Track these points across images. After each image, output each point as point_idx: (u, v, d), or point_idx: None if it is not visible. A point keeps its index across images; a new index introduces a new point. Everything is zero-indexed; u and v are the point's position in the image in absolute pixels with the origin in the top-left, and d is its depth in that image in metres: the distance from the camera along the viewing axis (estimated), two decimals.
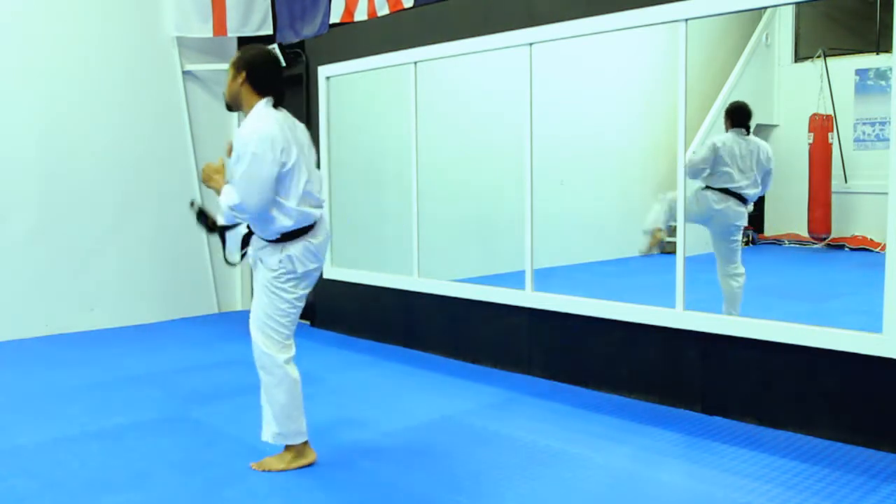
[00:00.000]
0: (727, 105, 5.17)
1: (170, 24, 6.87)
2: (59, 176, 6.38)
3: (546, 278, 4.93)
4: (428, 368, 5.21)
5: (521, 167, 4.88)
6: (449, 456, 3.60)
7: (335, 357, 5.63)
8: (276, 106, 3.33)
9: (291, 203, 3.25)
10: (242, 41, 7.12)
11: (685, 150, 4.21)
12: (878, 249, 7.83)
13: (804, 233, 8.79)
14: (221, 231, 3.50)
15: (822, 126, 8.63)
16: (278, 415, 3.35)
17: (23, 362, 5.51)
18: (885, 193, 3.42)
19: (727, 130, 5.00)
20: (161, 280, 6.95)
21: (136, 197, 6.77)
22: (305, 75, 6.52)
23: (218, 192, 3.30)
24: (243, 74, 3.29)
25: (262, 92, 3.30)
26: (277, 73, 3.42)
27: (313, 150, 3.46)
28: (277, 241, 3.31)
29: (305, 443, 3.46)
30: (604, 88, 7.09)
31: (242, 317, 7.17)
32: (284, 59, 6.61)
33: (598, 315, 4.53)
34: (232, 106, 3.40)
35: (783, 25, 9.11)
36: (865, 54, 8.52)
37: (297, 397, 3.38)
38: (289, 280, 3.32)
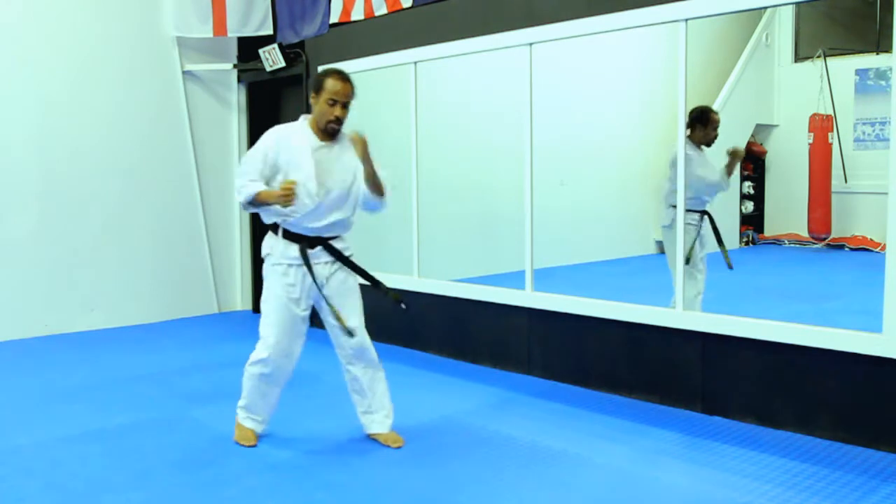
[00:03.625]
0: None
1: (170, 24, 6.87)
2: (58, 176, 6.37)
3: (546, 278, 4.93)
4: (428, 368, 5.21)
5: (521, 167, 4.88)
6: (449, 456, 3.60)
7: (335, 357, 5.60)
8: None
9: None
10: (242, 41, 7.14)
11: (685, 150, 4.21)
12: (878, 249, 7.83)
13: (804, 233, 8.78)
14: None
15: (822, 126, 8.62)
16: None
17: (23, 362, 5.51)
18: (885, 193, 3.41)
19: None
20: (161, 280, 6.95)
21: (136, 197, 6.77)
22: (305, 75, 6.51)
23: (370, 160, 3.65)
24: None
25: None
26: None
27: None
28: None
29: None
30: (604, 88, 7.09)
31: (242, 317, 7.21)
32: (284, 58, 6.63)
33: (598, 315, 4.53)
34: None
35: (783, 25, 9.10)
36: (865, 54, 8.51)
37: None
38: None
